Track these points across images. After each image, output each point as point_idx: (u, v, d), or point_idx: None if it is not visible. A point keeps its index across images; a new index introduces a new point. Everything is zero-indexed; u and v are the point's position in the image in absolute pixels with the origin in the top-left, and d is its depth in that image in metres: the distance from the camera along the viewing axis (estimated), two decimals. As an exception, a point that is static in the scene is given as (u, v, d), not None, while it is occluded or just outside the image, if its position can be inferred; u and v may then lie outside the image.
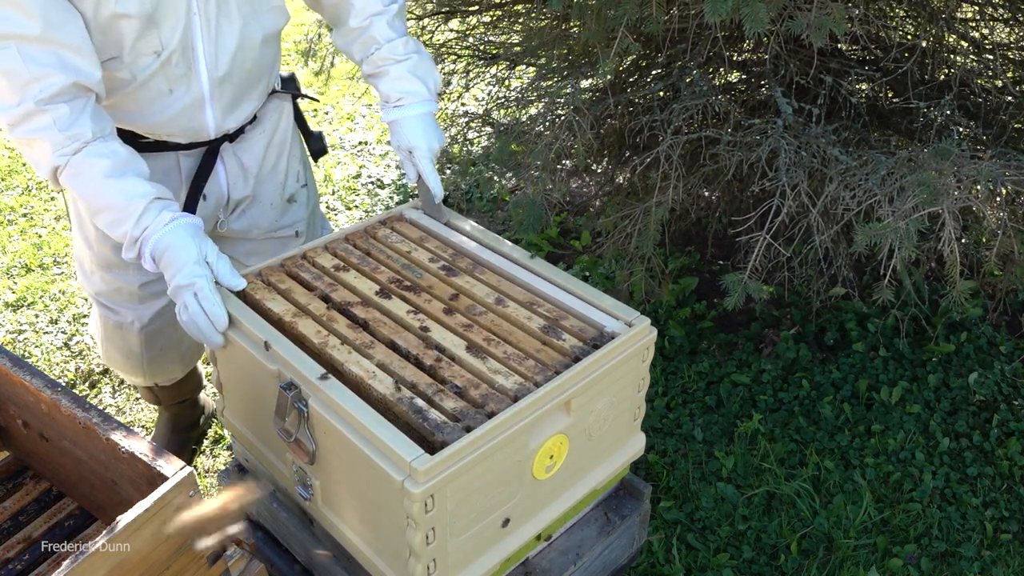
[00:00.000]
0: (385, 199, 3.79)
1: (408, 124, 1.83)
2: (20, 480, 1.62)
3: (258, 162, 1.96)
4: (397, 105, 1.83)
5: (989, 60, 2.64)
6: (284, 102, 2.00)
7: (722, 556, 2.15)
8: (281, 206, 2.04)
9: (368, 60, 1.85)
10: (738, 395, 2.62)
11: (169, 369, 2.15)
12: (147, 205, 1.55)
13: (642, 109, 2.56)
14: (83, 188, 1.56)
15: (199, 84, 1.70)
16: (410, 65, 1.83)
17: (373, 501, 1.38)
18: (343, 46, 1.90)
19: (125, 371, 2.13)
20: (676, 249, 3.17)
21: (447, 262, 1.72)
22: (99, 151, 1.54)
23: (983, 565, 2.15)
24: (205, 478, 2.41)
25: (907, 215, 1.82)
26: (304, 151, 2.13)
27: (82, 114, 1.52)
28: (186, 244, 1.54)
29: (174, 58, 1.64)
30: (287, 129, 2.01)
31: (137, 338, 2.02)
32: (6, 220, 3.62)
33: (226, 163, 1.90)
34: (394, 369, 1.44)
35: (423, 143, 1.82)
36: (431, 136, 1.83)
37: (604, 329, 1.54)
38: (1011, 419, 2.50)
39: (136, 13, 1.54)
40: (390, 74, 1.83)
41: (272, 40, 1.81)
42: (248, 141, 1.93)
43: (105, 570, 1.16)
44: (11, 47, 1.44)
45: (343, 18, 1.84)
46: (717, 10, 1.77)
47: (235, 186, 1.94)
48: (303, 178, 2.09)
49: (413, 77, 1.82)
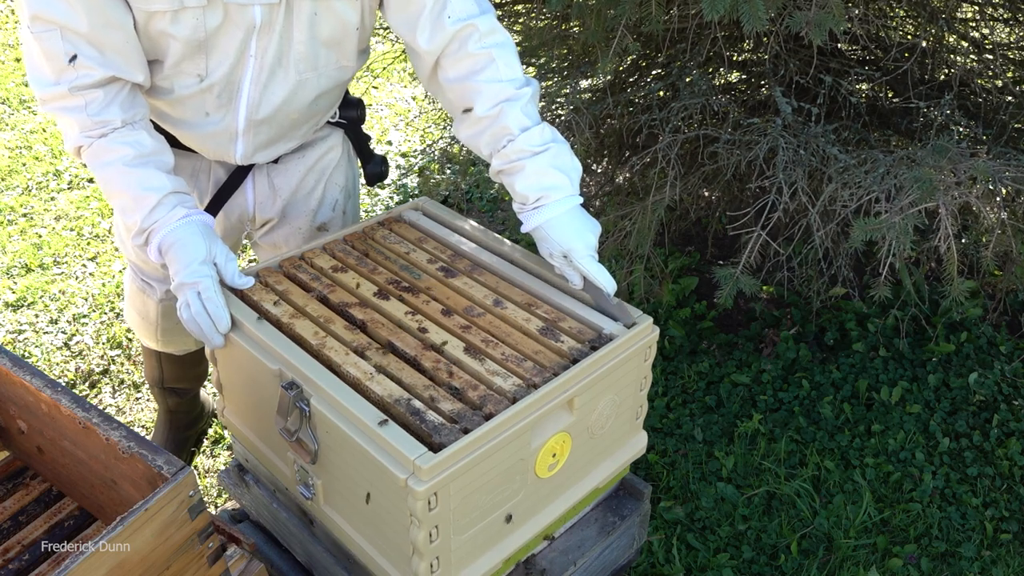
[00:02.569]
0: (385, 199, 3.79)
1: (558, 226, 1.58)
2: (20, 480, 1.62)
3: (291, 188, 1.89)
4: (537, 206, 1.59)
5: (989, 60, 2.64)
6: (336, 132, 1.92)
7: (722, 556, 2.15)
8: (309, 232, 1.95)
9: (499, 154, 1.61)
10: (738, 395, 2.62)
11: (182, 340, 2.15)
12: (161, 199, 1.54)
13: (641, 109, 2.56)
14: (102, 171, 1.56)
15: (235, 120, 1.66)
16: (550, 157, 1.58)
17: (376, 500, 1.38)
18: (468, 138, 1.66)
19: (140, 332, 2.15)
20: (676, 249, 3.17)
21: (445, 263, 1.72)
22: (124, 138, 1.54)
23: (983, 565, 2.15)
24: (205, 478, 2.41)
25: (904, 211, 1.82)
26: (351, 179, 2.02)
27: (114, 101, 1.52)
28: (195, 242, 1.53)
29: (216, 88, 1.61)
30: (334, 158, 1.92)
31: (156, 308, 2.03)
32: (6, 220, 3.62)
33: (256, 183, 1.87)
34: (392, 371, 1.44)
35: (580, 243, 1.57)
36: (586, 232, 1.58)
37: (603, 331, 1.54)
38: (1011, 419, 2.50)
39: (183, 38, 1.51)
40: (527, 169, 1.58)
41: (334, 88, 1.72)
42: (285, 165, 1.87)
43: (105, 570, 1.16)
44: (55, 31, 1.44)
45: (469, 105, 1.61)
46: (715, 7, 1.77)
47: (262, 206, 1.90)
48: (341, 207, 1.99)
49: (555, 170, 1.58)
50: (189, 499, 1.24)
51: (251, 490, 1.81)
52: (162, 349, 2.19)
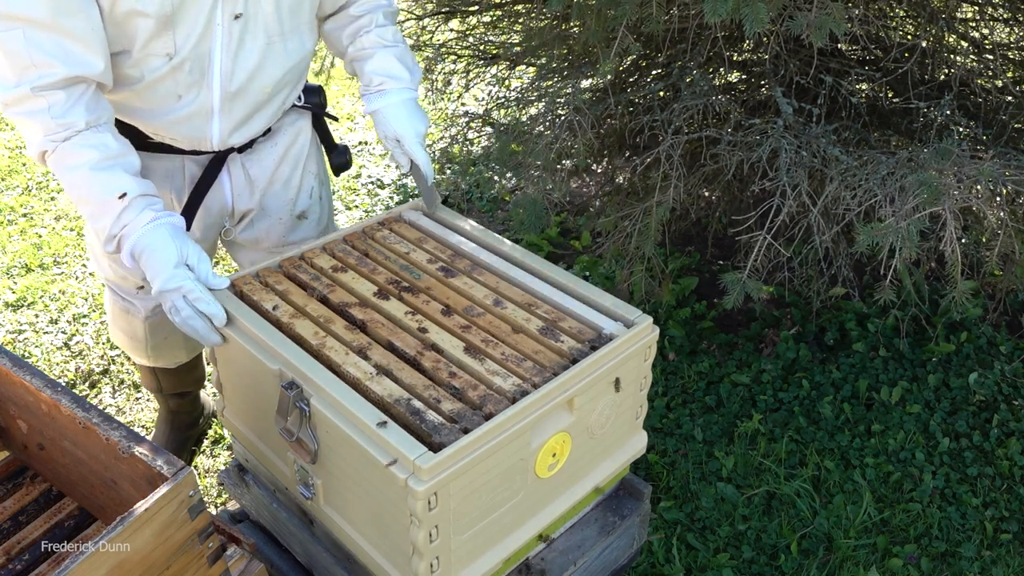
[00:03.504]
0: (385, 199, 3.79)
1: (392, 112, 1.84)
2: (20, 480, 1.62)
3: (267, 175, 1.91)
4: (379, 90, 1.84)
5: (989, 60, 2.64)
6: (303, 117, 1.96)
7: (722, 556, 2.15)
8: (290, 221, 1.99)
9: (357, 42, 1.86)
10: (738, 395, 2.62)
11: (173, 354, 2.15)
12: (129, 202, 1.54)
13: (642, 109, 2.56)
14: (68, 176, 1.55)
15: (209, 95, 1.67)
16: (397, 52, 1.85)
17: (376, 499, 1.38)
18: (331, 31, 1.88)
19: (130, 351, 2.14)
20: (676, 249, 3.17)
21: (445, 263, 1.72)
22: (89, 141, 1.53)
23: (983, 565, 2.15)
24: (205, 478, 2.41)
25: (908, 215, 1.82)
26: (322, 166, 2.07)
27: (78, 102, 1.51)
28: (166, 247, 1.53)
29: (186, 65, 1.60)
30: (304, 144, 1.96)
31: (142, 325, 2.03)
32: (6, 220, 3.62)
33: (232, 174, 1.87)
34: (392, 370, 1.44)
35: (410, 129, 1.83)
36: (417, 121, 1.84)
37: (602, 331, 1.54)
38: (1011, 419, 2.50)
39: (153, 12, 1.51)
40: (376, 56, 1.84)
41: (300, 61, 1.77)
42: (258, 154, 1.89)
43: (105, 570, 1.16)
44: (17, 29, 1.43)
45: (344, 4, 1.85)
46: (717, 10, 1.77)
47: (240, 197, 1.91)
48: (317, 194, 2.04)
49: (400, 64, 1.84)
50: (189, 499, 1.24)
51: (251, 490, 1.81)
52: (154, 364, 2.18)
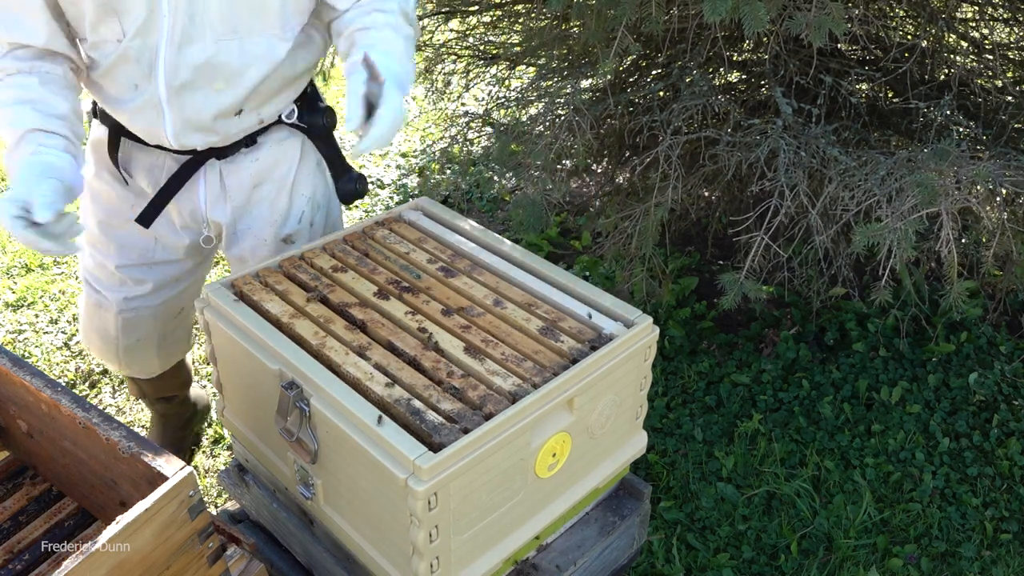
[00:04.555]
0: (385, 199, 3.79)
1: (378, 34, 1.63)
2: (20, 480, 1.62)
3: (244, 191, 1.83)
4: None
5: (989, 60, 2.64)
6: (293, 136, 1.84)
7: (722, 556, 2.16)
8: (275, 244, 1.89)
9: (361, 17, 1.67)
10: (738, 395, 2.62)
11: (145, 361, 2.09)
12: (22, 135, 1.53)
13: (642, 109, 2.56)
14: None
15: (155, 87, 1.61)
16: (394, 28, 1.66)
17: (376, 499, 1.38)
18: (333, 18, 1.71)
19: (102, 355, 2.08)
20: (676, 249, 3.17)
21: (445, 263, 1.72)
22: (12, 83, 1.55)
23: (983, 565, 2.15)
24: (205, 478, 2.41)
25: (905, 216, 1.82)
26: (321, 191, 1.94)
27: (10, 54, 1.55)
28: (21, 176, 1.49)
29: (134, 53, 1.58)
30: (293, 165, 1.85)
31: (114, 320, 1.97)
32: (6, 220, 3.61)
33: (207, 179, 1.81)
34: (392, 370, 1.44)
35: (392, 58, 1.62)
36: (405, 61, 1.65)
37: (602, 331, 1.54)
38: (1011, 419, 2.50)
39: None
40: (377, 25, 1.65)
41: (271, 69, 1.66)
42: (236, 164, 1.81)
43: (105, 570, 1.16)
44: None
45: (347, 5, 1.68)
46: (716, 9, 1.77)
47: (214, 205, 1.84)
48: (308, 219, 1.93)
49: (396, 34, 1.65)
50: (189, 499, 1.24)
51: (251, 490, 1.81)
52: (127, 373, 2.14)
